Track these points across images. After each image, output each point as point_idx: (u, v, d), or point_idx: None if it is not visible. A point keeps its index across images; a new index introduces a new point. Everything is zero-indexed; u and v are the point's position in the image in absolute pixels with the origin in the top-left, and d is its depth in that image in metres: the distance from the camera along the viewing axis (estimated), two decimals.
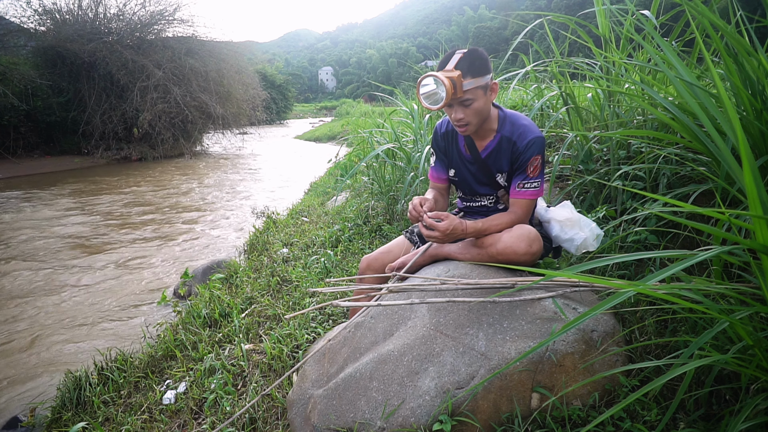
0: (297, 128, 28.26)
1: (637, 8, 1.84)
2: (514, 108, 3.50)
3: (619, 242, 1.64)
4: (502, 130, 1.52)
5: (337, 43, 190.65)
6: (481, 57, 1.39)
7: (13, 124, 12.31)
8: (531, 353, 1.11)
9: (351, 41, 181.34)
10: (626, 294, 0.85)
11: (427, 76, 1.38)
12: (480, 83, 1.39)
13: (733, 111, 0.81)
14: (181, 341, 2.36)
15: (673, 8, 1.88)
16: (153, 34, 15.63)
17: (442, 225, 1.39)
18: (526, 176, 1.49)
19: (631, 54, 2.10)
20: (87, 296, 3.87)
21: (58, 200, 8.00)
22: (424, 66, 5.47)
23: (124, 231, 5.97)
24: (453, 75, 1.35)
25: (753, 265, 0.94)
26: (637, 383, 1.20)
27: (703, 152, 1.42)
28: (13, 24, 14.80)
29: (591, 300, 1.38)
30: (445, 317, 1.33)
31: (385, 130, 4.03)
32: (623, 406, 0.92)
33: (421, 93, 1.41)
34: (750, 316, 1.06)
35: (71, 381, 2.16)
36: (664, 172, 1.70)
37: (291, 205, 5.73)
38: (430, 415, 1.15)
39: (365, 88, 61.58)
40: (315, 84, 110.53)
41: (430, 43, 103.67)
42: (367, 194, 3.99)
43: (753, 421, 0.87)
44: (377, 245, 2.94)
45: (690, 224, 0.95)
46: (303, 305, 2.36)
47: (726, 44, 1.34)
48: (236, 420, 1.61)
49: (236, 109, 16.68)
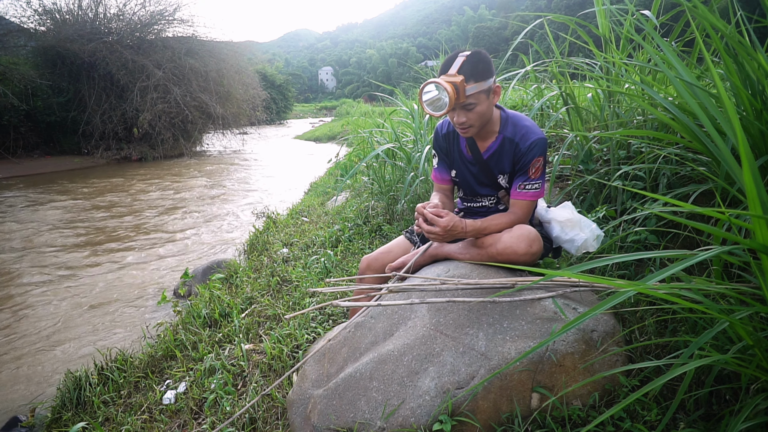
0: (297, 128, 28.24)
1: (637, 8, 1.84)
2: (514, 108, 3.50)
3: (619, 242, 1.64)
4: (504, 131, 1.52)
5: (337, 43, 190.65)
6: (484, 60, 1.38)
7: (13, 124, 12.31)
8: (531, 353, 1.11)
9: (351, 41, 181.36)
10: (626, 294, 0.85)
11: (429, 82, 1.37)
12: (483, 87, 1.38)
13: (733, 111, 0.81)
14: (181, 341, 2.36)
15: (673, 8, 1.88)
16: (153, 34, 15.62)
17: (443, 221, 1.39)
18: (528, 177, 1.49)
19: (631, 54, 2.10)
20: (87, 296, 3.87)
21: (58, 200, 8.00)
22: (424, 66, 5.46)
23: (124, 231, 5.97)
24: (456, 80, 1.34)
25: (753, 265, 0.94)
26: (637, 383, 1.20)
27: (703, 152, 1.42)
28: (13, 24, 14.79)
29: (591, 300, 1.38)
30: (445, 317, 1.33)
31: (385, 130, 4.03)
32: (623, 406, 0.92)
33: (424, 100, 1.40)
34: (750, 316, 1.06)
35: (71, 381, 2.16)
36: (664, 172, 1.70)
37: (291, 205, 5.73)
38: (430, 415, 1.15)
39: (365, 88, 61.61)
40: (315, 84, 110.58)
41: (430, 43, 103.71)
42: (367, 194, 3.99)
43: (753, 421, 0.87)
44: (377, 245, 2.94)
45: (690, 224, 0.95)
46: (303, 305, 2.36)
47: (726, 44, 1.34)
48: (236, 420, 1.61)
49: (236, 109, 16.68)
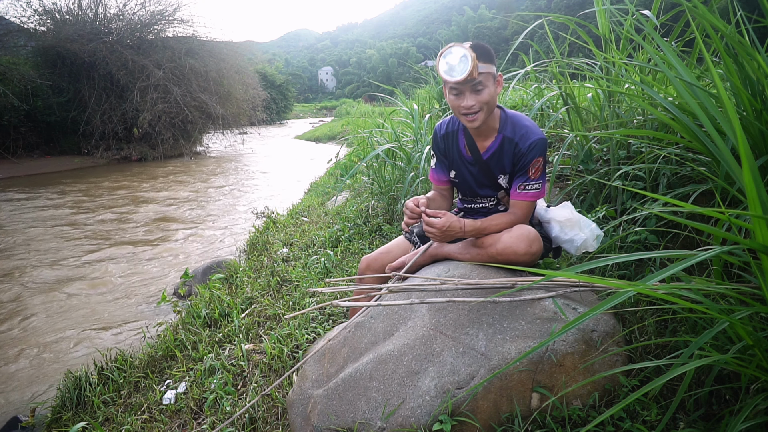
0: (297, 128, 28.24)
1: (637, 8, 1.84)
2: (514, 108, 3.50)
3: (619, 242, 1.64)
4: (504, 130, 1.52)
5: (337, 43, 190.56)
6: (489, 48, 1.43)
7: (13, 124, 12.32)
8: (531, 353, 1.11)
9: (351, 41, 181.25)
10: (626, 294, 0.85)
11: (451, 46, 1.38)
12: (491, 70, 1.41)
13: (733, 111, 0.81)
14: (181, 341, 2.35)
15: (673, 8, 1.88)
16: (153, 34, 15.63)
17: (439, 221, 1.40)
18: (528, 178, 1.48)
19: (631, 54, 2.10)
20: (86, 296, 3.87)
21: (58, 200, 8.00)
22: (424, 66, 5.46)
23: (124, 231, 5.97)
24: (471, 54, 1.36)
25: (753, 265, 0.94)
26: (637, 383, 1.20)
27: (703, 152, 1.42)
28: (13, 24, 14.79)
29: (591, 300, 1.38)
30: (445, 317, 1.33)
31: (385, 130, 4.03)
32: (623, 406, 0.92)
33: (445, 60, 1.38)
34: (750, 316, 1.06)
35: (71, 381, 2.16)
36: (664, 172, 1.69)
37: (291, 205, 5.73)
38: (430, 415, 1.15)
39: (365, 88, 61.56)
40: (315, 84, 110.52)
41: (430, 43, 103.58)
42: (367, 194, 3.99)
43: (753, 421, 0.87)
44: (377, 245, 2.94)
45: (690, 224, 0.95)
46: (303, 305, 2.36)
47: (726, 44, 1.34)
48: (236, 420, 1.61)
49: (236, 109, 16.68)
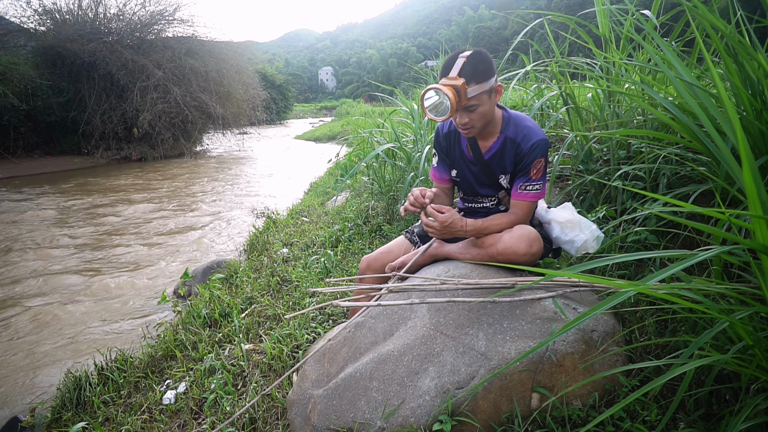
0: (297, 128, 28.25)
1: (637, 8, 1.84)
2: (514, 108, 3.50)
3: (619, 242, 1.64)
4: (506, 131, 1.52)
5: (337, 43, 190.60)
6: (485, 60, 1.37)
7: (13, 124, 12.33)
8: (531, 353, 1.11)
9: (351, 41, 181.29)
10: (626, 294, 0.85)
11: (430, 89, 1.36)
12: (484, 88, 1.37)
13: (733, 111, 0.80)
14: (181, 341, 2.35)
15: (673, 8, 1.88)
16: (153, 34, 15.63)
17: (442, 216, 1.40)
18: (529, 179, 1.48)
19: (631, 54, 2.10)
20: (86, 296, 3.87)
21: (58, 200, 8.00)
22: (424, 66, 5.46)
23: (124, 231, 5.97)
24: (457, 83, 1.33)
25: (753, 265, 0.94)
26: (637, 383, 1.20)
27: (703, 152, 1.42)
28: (13, 24, 14.81)
29: (591, 300, 1.38)
30: (445, 317, 1.33)
31: (385, 130, 4.03)
32: (623, 406, 0.92)
33: (425, 106, 1.39)
34: (750, 316, 1.06)
35: (71, 381, 2.16)
36: (664, 172, 1.69)
37: (291, 205, 5.73)
38: (430, 415, 1.15)
39: (365, 88, 61.57)
40: (315, 84, 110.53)
41: (430, 43, 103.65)
42: (367, 194, 3.99)
43: (753, 421, 0.87)
44: (377, 245, 2.94)
45: (690, 224, 0.95)
46: (303, 305, 2.36)
47: (726, 44, 1.34)
48: (236, 420, 1.61)
49: (236, 109, 16.68)
